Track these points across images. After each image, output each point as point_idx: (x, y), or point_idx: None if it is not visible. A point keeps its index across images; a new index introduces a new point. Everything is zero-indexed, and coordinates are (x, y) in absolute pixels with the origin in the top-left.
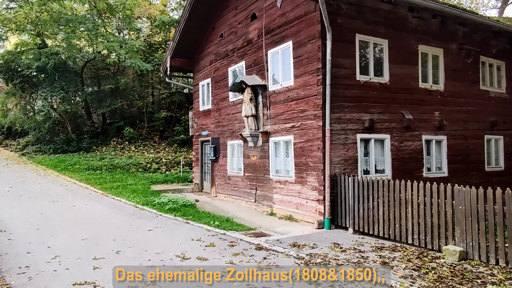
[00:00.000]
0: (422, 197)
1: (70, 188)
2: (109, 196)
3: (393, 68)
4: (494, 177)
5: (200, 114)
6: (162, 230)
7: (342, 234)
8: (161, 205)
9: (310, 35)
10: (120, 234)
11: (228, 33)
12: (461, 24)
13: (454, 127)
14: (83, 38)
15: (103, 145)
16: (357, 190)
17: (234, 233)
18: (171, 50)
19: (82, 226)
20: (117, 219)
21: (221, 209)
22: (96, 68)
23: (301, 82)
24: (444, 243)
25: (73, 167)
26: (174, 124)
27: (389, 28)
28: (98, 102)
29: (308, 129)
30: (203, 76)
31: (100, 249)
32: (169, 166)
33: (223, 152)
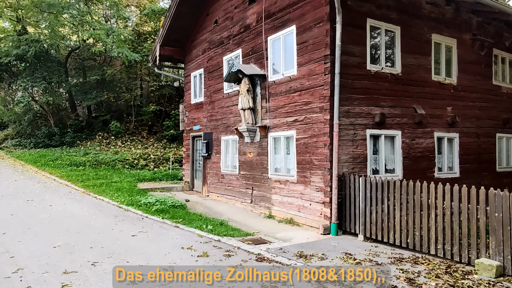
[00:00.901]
0: (448, 202)
1: (49, 186)
2: (91, 195)
3: (405, 58)
4: (505, 178)
5: (192, 108)
6: (147, 236)
7: (351, 241)
8: (147, 206)
9: (317, 18)
10: (99, 240)
11: (223, 19)
12: (474, 13)
13: (466, 124)
14: (67, 26)
15: (88, 140)
16: (369, 192)
17: (230, 239)
18: (160, 37)
19: (56, 230)
20: (98, 221)
21: (214, 211)
22: (81, 58)
23: (306, 71)
24: (475, 255)
25: (54, 163)
26: (164, 119)
27: (401, 13)
28: (83, 94)
29: (313, 124)
30: (195, 66)
31: (73, 259)
32: (157, 163)
33: (217, 148)
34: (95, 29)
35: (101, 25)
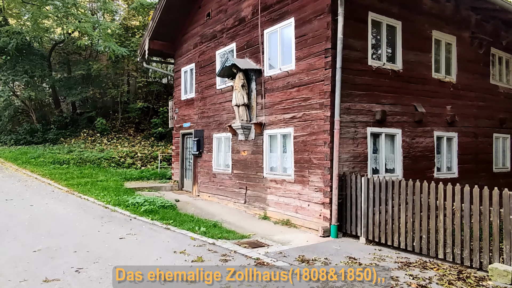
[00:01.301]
0: (458, 203)
1: (30, 184)
2: (75, 194)
3: (406, 54)
4: (501, 179)
5: (182, 104)
6: (136, 238)
7: (353, 244)
8: (135, 206)
9: (317, 10)
10: (84, 243)
11: (216, 12)
12: (473, 11)
13: (465, 123)
14: (51, 18)
15: (72, 137)
16: (372, 193)
17: (225, 242)
18: (150, 30)
19: (37, 232)
20: (83, 223)
21: (206, 211)
22: (65, 52)
23: (305, 66)
24: (488, 260)
25: (36, 160)
26: (151, 116)
27: (403, 8)
28: (67, 90)
29: (312, 120)
30: (186, 61)
31: (56, 265)
32: (145, 161)
33: (208, 146)
34: (80, 22)
35: (87, 17)
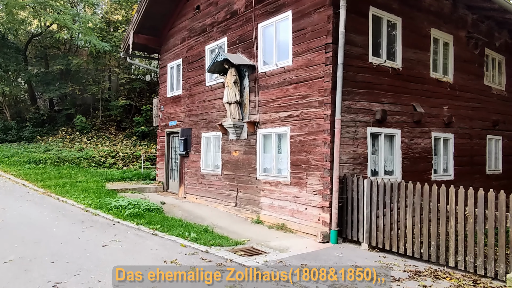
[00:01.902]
0: (471, 208)
1: (3, 185)
2: (52, 196)
3: (406, 52)
4: (493, 181)
5: (168, 101)
6: (121, 246)
7: (355, 251)
8: (119, 209)
9: (317, 3)
10: (62, 253)
11: (206, 5)
12: (470, 10)
13: (461, 124)
14: (27, 9)
15: (49, 135)
16: (376, 196)
17: (219, 250)
18: (134, 23)
19: (9, 239)
20: (61, 228)
21: (195, 215)
22: (43, 45)
23: (303, 62)
24: (504, 268)
25: (10, 160)
26: (134, 114)
27: (403, 4)
28: (44, 85)
29: (310, 119)
30: (173, 57)
31: (30, 279)
32: (127, 161)
33: (196, 145)
34: (59, 14)
35: (66, 9)
